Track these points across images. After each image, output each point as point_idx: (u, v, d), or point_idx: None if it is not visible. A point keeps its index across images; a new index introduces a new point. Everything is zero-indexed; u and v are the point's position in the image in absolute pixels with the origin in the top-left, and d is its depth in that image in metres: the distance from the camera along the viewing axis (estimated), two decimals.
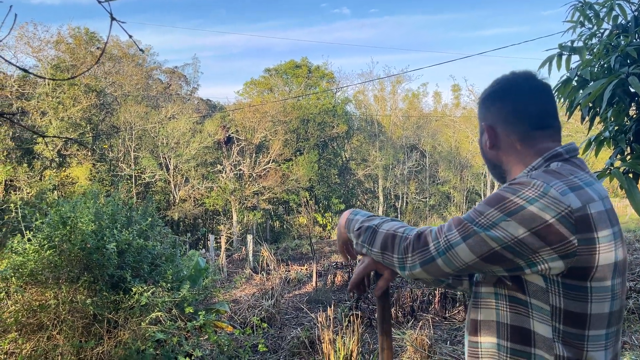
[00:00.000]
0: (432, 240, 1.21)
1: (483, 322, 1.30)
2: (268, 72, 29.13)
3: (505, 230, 1.12)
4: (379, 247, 1.31)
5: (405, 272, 1.27)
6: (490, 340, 1.28)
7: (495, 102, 1.36)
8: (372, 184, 29.30)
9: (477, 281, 1.34)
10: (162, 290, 3.89)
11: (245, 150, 24.06)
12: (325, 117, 25.99)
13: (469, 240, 1.16)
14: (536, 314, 1.20)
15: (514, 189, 1.17)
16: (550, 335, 1.18)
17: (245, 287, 10.35)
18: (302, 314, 7.76)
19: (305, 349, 5.54)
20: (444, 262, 1.19)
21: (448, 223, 1.23)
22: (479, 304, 1.32)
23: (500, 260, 1.15)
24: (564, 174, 1.20)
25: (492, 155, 1.38)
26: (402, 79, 29.71)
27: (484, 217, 1.16)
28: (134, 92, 24.16)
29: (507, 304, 1.24)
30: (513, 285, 1.22)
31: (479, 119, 1.43)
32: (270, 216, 25.62)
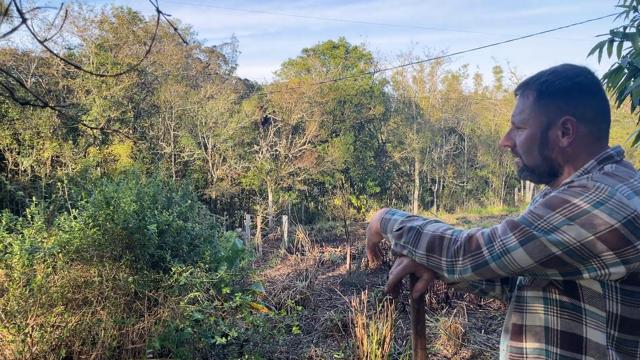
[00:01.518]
0: (485, 244, 1.18)
1: (529, 327, 1.27)
2: (306, 53, 28.99)
3: (568, 234, 1.09)
4: (425, 249, 1.27)
5: (454, 276, 1.24)
6: (537, 346, 1.25)
7: (582, 95, 1.27)
8: (408, 167, 29.01)
9: (520, 285, 1.32)
10: (200, 270, 3.99)
11: (282, 131, 24.15)
12: (362, 99, 25.76)
13: (527, 245, 1.12)
14: (590, 320, 1.17)
15: (577, 192, 1.13)
16: (604, 342, 1.16)
17: (280, 267, 10.50)
18: (335, 297, 7.82)
19: (338, 331, 5.60)
20: (498, 265, 1.16)
21: (502, 226, 1.19)
22: (524, 308, 1.29)
23: (559, 264, 1.13)
24: (624, 177, 1.17)
25: (558, 154, 1.28)
26: (441, 60, 29.09)
27: (544, 220, 1.12)
28: (174, 72, 24.50)
29: (558, 309, 1.22)
30: (566, 290, 1.20)
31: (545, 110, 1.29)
32: (305, 197, 25.77)
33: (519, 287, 1.33)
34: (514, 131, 1.36)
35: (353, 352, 4.79)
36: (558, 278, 1.19)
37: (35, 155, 18.09)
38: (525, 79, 1.36)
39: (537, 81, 1.31)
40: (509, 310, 1.39)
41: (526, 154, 1.33)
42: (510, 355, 1.31)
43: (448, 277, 1.26)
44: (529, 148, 1.32)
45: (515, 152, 1.37)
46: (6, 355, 3.53)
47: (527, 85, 1.33)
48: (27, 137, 17.81)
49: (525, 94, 1.33)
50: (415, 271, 1.37)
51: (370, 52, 28.45)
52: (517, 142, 1.35)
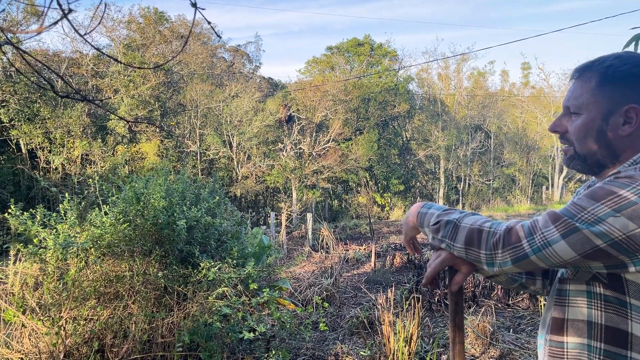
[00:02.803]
0: (525, 237, 1.15)
1: (571, 322, 1.24)
2: (330, 50, 28.98)
3: (613, 226, 1.06)
4: (463, 242, 1.25)
5: (494, 269, 1.21)
6: (579, 340, 1.22)
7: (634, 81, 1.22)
8: (433, 165, 28.76)
9: (562, 278, 1.29)
10: (228, 266, 4.02)
11: (306, 129, 24.19)
12: (387, 96, 25.63)
13: (569, 237, 1.09)
14: (636, 315, 1.14)
15: (624, 182, 1.10)
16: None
17: (305, 265, 10.53)
18: (360, 294, 7.81)
19: (364, 329, 5.58)
20: (539, 258, 1.14)
21: (543, 218, 1.16)
22: (566, 302, 1.26)
23: (603, 257, 1.10)
24: None
25: (617, 142, 1.23)
26: (467, 57, 28.73)
27: (587, 212, 1.09)
28: (200, 71, 24.77)
29: (602, 303, 1.18)
30: (611, 284, 1.17)
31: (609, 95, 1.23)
32: (329, 195, 25.78)
33: (561, 280, 1.30)
34: (567, 116, 1.31)
35: (379, 350, 4.77)
36: (602, 271, 1.16)
37: (65, 154, 18.52)
38: (585, 63, 1.30)
39: (601, 65, 1.25)
40: (547, 304, 1.36)
41: (581, 140, 1.27)
42: (550, 349, 1.29)
43: (487, 270, 1.24)
44: (585, 134, 1.26)
45: (565, 138, 1.32)
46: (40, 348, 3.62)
47: (588, 68, 1.27)
48: (58, 136, 18.24)
49: (584, 78, 1.27)
50: (454, 264, 1.35)
51: (395, 49, 28.32)
52: (570, 128, 1.29)
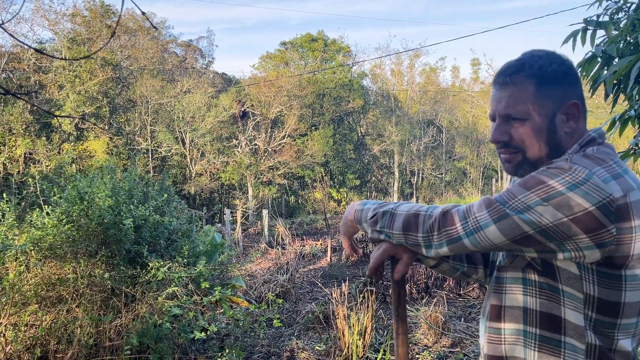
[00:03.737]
0: (459, 220, 1.18)
1: (508, 308, 1.27)
2: (284, 46, 28.85)
3: (541, 214, 1.09)
4: (401, 228, 1.27)
5: (431, 251, 1.24)
6: (516, 327, 1.26)
7: (576, 78, 1.27)
8: (387, 160, 29.15)
9: (500, 266, 1.32)
10: (179, 265, 3.93)
11: (261, 125, 24.02)
12: (341, 92, 25.76)
13: (500, 222, 1.13)
14: (568, 301, 1.18)
15: (554, 173, 1.12)
16: (582, 323, 1.17)
17: (261, 261, 10.45)
18: (316, 289, 7.83)
19: (320, 323, 5.59)
20: (471, 242, 1.17)
21: (478, 203, 1.19)
22: (504, 289, 1.29)
23: (532, 243, 1.13)
24: (604, 159, 1.17)
25: (563, 139, 1.25)
26: (419, 53, 29.23)
27: (518, 200, 1.12)
28: (150, 66, 24.17)
29: (537, 290, 1.22)
30: (544, 271, 1.20)
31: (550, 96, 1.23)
32: (286, 191, 25.72)
33: (499, 268, 1.33)
34: (508, 124, 1.26)
35: (334, 344, 4.79)
36: (534, 255, 1.19)
37: (7, 153, 17.67)
38: (509, 67, 1.28)
39: (532, 67, 1.24)
40: (487, 293, 1.39)
41: (531, 146, 1.25)
42: (489, 336, 1.31)
43: (425, 253, 1.26)
44: (537, 139, 1.24)
45: (511, 146, 1.27)
46: None
47: (517, 73, 1.26)
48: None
49: (518, 82, 1.24)
50: (395, 253, 1.36)
51: (348, 45, 28.48)
52: (516, 135, 1.25)
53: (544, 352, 1.20)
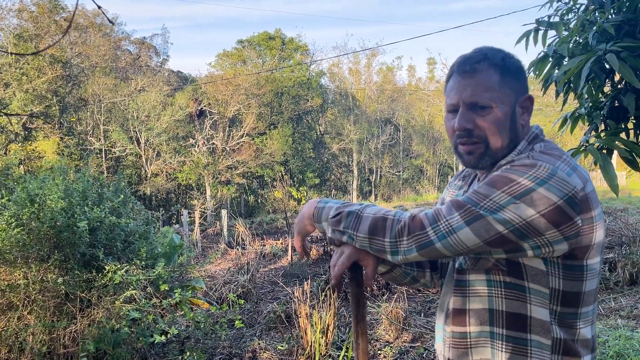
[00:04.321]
0: (430, 224, 1.15)
1: (473, 311, 1.25)
2: (241, 44, 28.57)
3: (514, 212, 1.09)
4: (367, 231, 1.20)
5: (398, 257, 1.18)
6: (482, 329, 1.24)
7: (526, 76, 1.30)
8: (346, 158, 29.34)
9: (461, 268, 1.29)
10: (136, 268, 3.82)
11: (218, 124, 23.72)
12: (300, 90, 25.75)
13: (473, 224, 1.11)
14: (534, 298, 1.18)
15: (521, 170, 1.13)
16: (547, 318, 1.18)
17: (221, 262, 10.32)
18: (278, 288, 7.79)
19: (282, 323, 5.57)
20: (444, 245, 1.14)
21: (447, 206, 1.16)
22: (467, 292, 1.26)
23: (504, 243, 1.12)
24: (559, 155, 1.20)
25: (520, 132, 1.27)
26: (376, 52, 29.55)
27: (490, 200, 1.11)
28: (102, 64, 23.45)
29: (503, 290, 1.21)
30: (510, 270, 1.19)
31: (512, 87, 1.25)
32: (245, 190, 25.50)
33: (459, 270, 1.29)
34: (473, 112, 1.24)
35: (297, 343, 4.78)
36: (501, 256, 1.18)
37: None
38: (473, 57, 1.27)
39: (496, 58, 1.25)
40: (443, 296, 1.36)
41: (496, 134, 1.23)
42: (453, 340, 1.29)
43: (392, 259, 1.20)
44: (499, 129, 1.23)
45: (476, 136, 1.25)
46: None
47: (480, 62, 1.25)
48: None
49: (483, 71, 1.24)
50: (359, 259, 1.28)
51: (306, 44, 28.52)
52: (482, 124, 1.24)
53: (511, 353, 1.20)
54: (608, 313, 5.56)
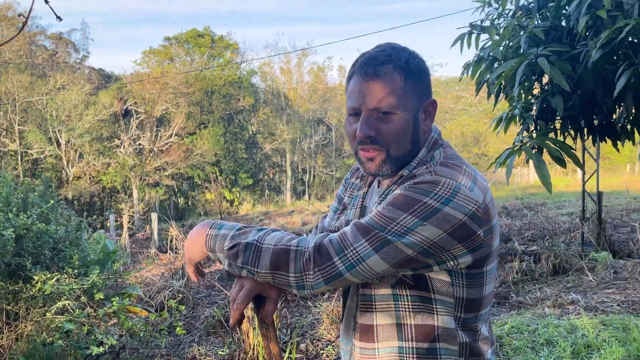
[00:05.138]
0: (336, 253, 1.10)
1: (380, 327, 1.21)
2: (168, 41, 27.72)
3: (422, 234, 1.08)
4: (269, 267, 1.11)
5: (304, 292, 1.12)
6: (391, 344, 1.21)
7: (428, 76, 1.25)
8: (279, 158, 29.27)
9: (366, 284, 1.23)
10: (69, 276, 3.60)
11: (145, 124, 22.91)
12: (231, 89, 25.38)
13: (382, 251, 1.08)
14: (440, 308, 1.18)
15: (425, 190, 1.11)
16: (453, 325, 1.19)
17: (152, 268, 9.95)
18: (214, 292, 7.64)
19: (222, 327, 5.46)
20: (353, 275, 1.10)
21: (352, 231, 1.12)
22: (374, 307, 1.22)
23: (412, 264, 1.12)
24: (459, 165, 1.19)
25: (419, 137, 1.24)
26: (307, 52, 29.70)
27: (397, 223, 1.09)
28: (16, 60, 21.95)
29: (409, 304, 1.18)
30: (416, 285, 1.17)
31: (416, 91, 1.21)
32: (174, 193, 24.79)
33: (364, 285, 1.23)
34: (375, 118, 1.19)
35: (238, 347, 4.71)
36: (408, 273, 1.16)
37: None
38: (376, 59, 1.20)
39: (400, 60, 1.19)
40: (348, 310, 1.32)
41: (399, 141, 1.20)
42: (362, 357, 1.25)
43: (298, 293, 1.14)
44: (402, 135, 1.20)
45: (379, 142, 1.20)
46: None
47: (386, 64, 1.19)
48: None
49: (386, 75, 1.18)
50: (261, 291, 1.19)
51: (236, 42, 28.17)
52: (385, 130, 1.19)
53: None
54: (535, 302, 5.90)
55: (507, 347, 4.48)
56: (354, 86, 1.22)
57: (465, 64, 4.20)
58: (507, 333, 4.78)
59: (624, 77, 2.69)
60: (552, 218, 11.08)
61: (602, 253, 7.29)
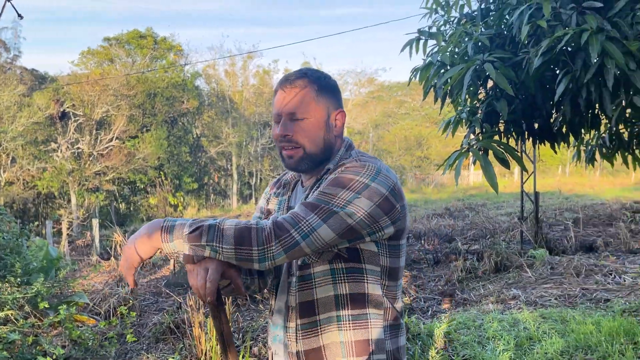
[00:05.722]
0: (292, 227, 1.27)
1: (320, 300, 1.41)
2: (108, 42, 26.77)
3: (358, 206, 1.30)
4: (233, 242, 1.24)
5: (266, 263, 1.26)
6: (330, 314, 1.40)
7: (341, 96, 1.54)
8: (225, 162, 28.88)
9: (304, 264, 1.42)
10: (10, 285, 3.42)
11: (84, 127, 22.03)
12: (174, 92, 24.82)
13: (329, 221, 1.28)
14: (370, 277, 1.41)
15: (356, 171, 1.36)
16: (380, 292, 1.42)
17: (94, 276, 9.59)
18: (161, 299, 7.47)
19: (172, 333, 5.34)
20: (307, 244, 1.27)
21: (301, 209, 1.31)
22: (313, 284, 1.41)
23: (352, 233, 1.32)
24: (374, 157, 1.47)
25: (333, 140, 1.49)
26: (253, 55, 29.51)
27: (337, 198, 1.30)
28: None
29: (345, 275, 1.39)
30: (350, 257, 1.39)
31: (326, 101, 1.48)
32: (115, 198, 23.95)
33: (302, 267, 1.42)
34: (291, 121, 1.45)
35: (190, 353, 4.64)
36: (345, 246, 1.37)
37: None
38: (294, 74, 1.49)
39: (314, 77, 1.48)
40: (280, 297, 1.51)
41: (312, 141, 1.45)
42: (303, 332, 1.41)
43: (259, 267, 1.27)
44: (315, 135, 1.46)
45: (292, 141, 1.45)
46: None
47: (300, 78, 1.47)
48: None
49: (302, 87, 1.45)
50: (223, 272, 1.30)
51: (180, 44, 27.56)
52: (298, 131, 1.45)
53: (356, 329, 1.39)
54: (479, 299, 6.14)
55: (455, 342, 4.64)
56: (276, 98, 1.50)
57: (414, 69, 4.34)
58: (454, 329, 4.96)
59: (563, 84, 2.88)
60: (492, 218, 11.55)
61: (540, 250, 7.69)
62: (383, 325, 1.41)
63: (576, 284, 6.20)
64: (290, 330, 1.44)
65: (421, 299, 6.41)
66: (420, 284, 7.17)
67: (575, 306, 5.43)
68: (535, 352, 4.21)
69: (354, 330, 1.39)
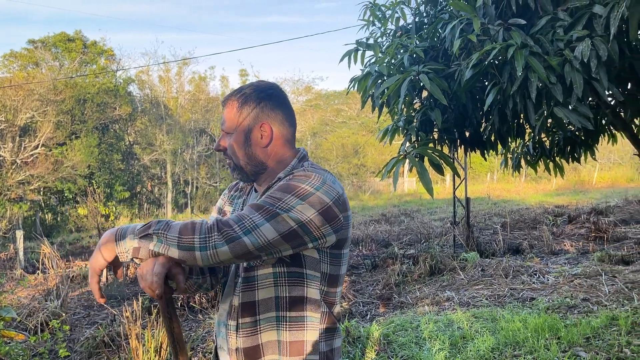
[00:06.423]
0: (235, 223, 1.34)
1: (262, 301, 1.48)
2: (33, 44, 25.43)
3: (301, 211, 1.37)
4: (177, 231, 1.32)
5: (207, 252, 1.30)
6: (270, 315, 1.48)
7: (275, 107, 1.57)
8: (159, 170, 28.08)
9: (249, 267, 1.50)
10: None
11: (6, 133, 20.75)
12: (105, 97, 23.90)
13: (272, 221, 1.34)
14: (310, 282, 1.48)
15: (302, 179, 1.43)
16: (318, 297, 1.49)
17: (20, 290, 9.04)
18: (94, 312, 7.19)
19: (107, 347, 5.16)
20: (250, 240, 1.32)
21: (247, 209, 1.38)
22: (256, 286, 1.49)
23: (294, 237, 1.38)
24: (323, 169, 1.54)
25: (261, 152, 1.56)
26: (189, 61, 28.97)
27: (282, 202, 1.37)
28: None
29: (286, 279, 1.47)
30: (292, 262, 1.46)
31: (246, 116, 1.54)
32: (41, 208, 22.68)
33: (248, 269, 1.50)
34: (225, 136, 1.58)
35: None
36: (289, 252, 1.42)
37: None
38: (229, 93, 1.60)
39: (238, 93, 1.57)
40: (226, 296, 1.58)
41: (235, 154, 1.56)
42: (243, 331, 1.49)
43: (200, 256, 1.31)
44: (237, 149, 1.55)
45: (227, 154, 1.58)
46: None
47: (230, 97, 1.58)
48: None
49: (230, 104, 1.56)
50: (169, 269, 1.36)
51: (111, 48, 26.63)
52: (227, 146, 1.57)
53: (292, 330, 1.46)
54: (415, 302, 6.34)
55: (394, 343, 4.78)
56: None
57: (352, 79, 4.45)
58: (393, 331, 5.10)
59: (492, 95, 3.07)
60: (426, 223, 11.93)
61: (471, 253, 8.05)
62: (319, 328, 1.48)
63: (505, 284, 6.54)
64: (232, 327, 1.50)
65: (360, 304, 6.54)
66: (359, 288, 7.31)
67: (504, 305, 5.74)
68: (469, 350, 4.41)
69: (290, 331, 1.46)
